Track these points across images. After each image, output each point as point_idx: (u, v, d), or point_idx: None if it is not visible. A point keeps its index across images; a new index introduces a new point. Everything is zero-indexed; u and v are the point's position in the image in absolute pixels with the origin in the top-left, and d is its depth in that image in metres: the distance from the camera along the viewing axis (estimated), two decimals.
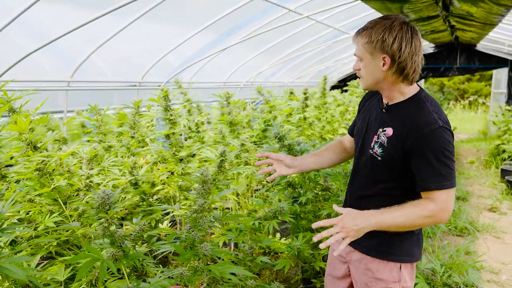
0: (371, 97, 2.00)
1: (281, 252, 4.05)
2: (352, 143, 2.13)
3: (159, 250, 1.91)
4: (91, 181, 2.36)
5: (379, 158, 1.77)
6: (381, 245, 1.84)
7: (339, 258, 2.05)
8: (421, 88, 1.80)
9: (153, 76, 6.37)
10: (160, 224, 3.17)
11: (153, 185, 3.54)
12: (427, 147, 1.63)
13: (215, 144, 4.01)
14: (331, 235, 1.57)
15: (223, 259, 2.58)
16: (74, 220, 2.27)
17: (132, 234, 1.96)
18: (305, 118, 4.61)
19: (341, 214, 1.62)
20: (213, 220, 1.79)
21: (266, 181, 4.12)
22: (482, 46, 11.51)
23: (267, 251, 4.27)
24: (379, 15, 7.22)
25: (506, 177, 7.12)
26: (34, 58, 4.53)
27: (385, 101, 1.83)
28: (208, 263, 1.80)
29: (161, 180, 3.64)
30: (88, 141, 4.08)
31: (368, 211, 1.65)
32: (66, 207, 2.28)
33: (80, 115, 4.02)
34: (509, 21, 7.61)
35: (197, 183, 1.85)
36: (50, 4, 4.12)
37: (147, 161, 4.08)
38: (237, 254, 2.76)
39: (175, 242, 1.72)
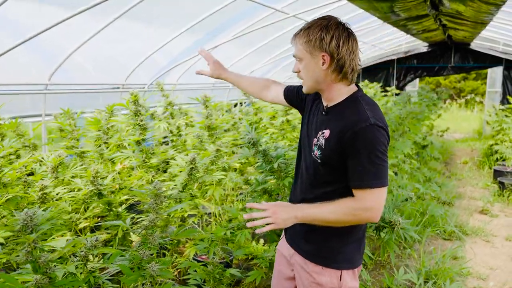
0: (317, 98, 1.96)
1: (257, 258, 3.94)
2: (276, 95, 2.22)
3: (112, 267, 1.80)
4: (45, 193, 2.25)
5: (319, 161, 1.77)
6: (320, 250, 1.85)
7: (285, 261, 2.06)
8: (358, 88, 1.80)
9: (138, 77, 6.25)
10: (132, 234, 3.05)
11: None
12: (357, 144, 1.62)
13: (193, 150, 3.90)
14: (261, 218, 1.63)
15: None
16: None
17: (83, 251, 1.84)
18: (288, 121, 4.49)
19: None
20: (166, 236, 1.67)
21: (245, 187, 4.00)
22: (476, 45, 11.40)
23: (249, 257, 4.16)
24: (368, 15, 7.12)
25: (499, 178, 7.01)
26: (12, 56, 4.40)
27: (324, 103, 1.83)
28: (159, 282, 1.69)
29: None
30: (67, 147, 3.96)
31: (298, 205, 1.73)
32: None
33: (56, 121, 3.89)
34: (503, 20, 7.50)
35: (149, 197, 1.74)
36: (26, 2, 4.00)
37: (124, 166, 3.97)
38: (207, 266, 2.65)
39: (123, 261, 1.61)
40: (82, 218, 2.58)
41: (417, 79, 14.87)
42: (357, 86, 1.82)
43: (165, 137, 5.00)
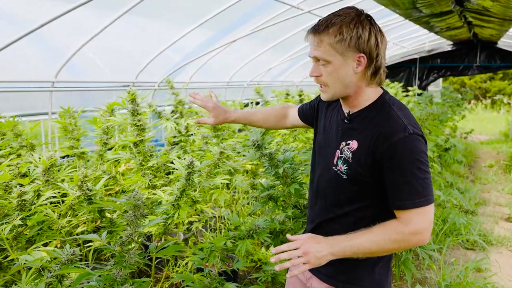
0: (331, 104, 1.70)
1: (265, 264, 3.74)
2: (294, 120, 1.98)
3: None
4: (23, 200, 2.08)
5: (344, 176, 1.50)
6: (343, 273, 1.59)
7: (299, 283, 1.79)
8: (384, 90, 1.53)
9: (150, 74, 6.10)
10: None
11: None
12: (396, 158, 1.37)
13: (199, 151, 3.71)
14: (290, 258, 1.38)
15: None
16: (10, 243, 1.99)
17: (58, 266, 1.66)
18: None
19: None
20: (144, 253, 1.48)
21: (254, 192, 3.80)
22: (504, 43, 10.93)
23: (259, 264, 3.96)
24: (389, 12, 6.83)
25: None
26: (14, 52, 4.29)
27: (345, 109, 1.55)
28: None
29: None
30: (67, 147, 3.82)
31: (331, 237, 1.44)
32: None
33: (56, 120, 3.75)
34: None
35: (128, 208, 1.55)
36: None
37: (128, 167, 3.81)
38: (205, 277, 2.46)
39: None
40: (73, 224, 2.41)
41: (440, 79, 14.44)
42: (381, 87, 1.56)
43: (174, 137, 4.83)
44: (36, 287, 1.48)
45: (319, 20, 1.48)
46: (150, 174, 2.89)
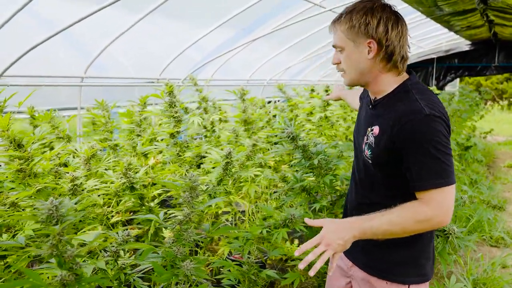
0: (367, 93, 1.74)
1: (292, 260, 3.78)
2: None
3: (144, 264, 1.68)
4: (75, 185, 2.16)
5: (370, 162, 1.56)
6: (382, 262, 1.61)
7: (340, 272, 1.83)
8: (410, 76, 1.56)
9: (172, 73, 6.19)
10: (164, 230, 2.95)
11: (164, 186, 3.32)
12: (413, 140, 1.40)
13: (229, 144, 3.77)
14: (318, 256, 1.38)
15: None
16: None
17: (113, 246, 1.73)
18: (326, 117, 4.30)
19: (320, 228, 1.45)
20: (201, 233, 1.54)
21: (282, 185, 3.85)
22: None
23: (283, 258, 4.00)
24: (411, 9, 6.83)
25: None
26: (49, 50, 4.41)
27: (372, 96, 1.62)
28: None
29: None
30: (100, 140, 3.91)
31: (349, 219, 1.48)
32: None
33: (89, 112, 3.84)
34: None
35: (184, 190, 1.61)
36: None
37: (158, 160, 3.88)
38: (242, 266, 2.51)
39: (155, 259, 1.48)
40: (114, 212, 2.48)
41: (457, 79, 14.36)
42: (409, 72, 1.58)
43: (197, 134, 4.90)
44: (94, 264, 1.54)
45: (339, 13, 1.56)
46: (187, 165, 2.95)
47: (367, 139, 1.57)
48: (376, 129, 1.53)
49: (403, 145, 1.42)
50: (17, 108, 2.76)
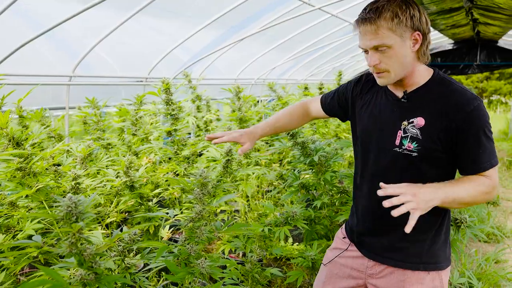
0: (370, 90, 1.73)
1: (293, 258, 3.77)
2: (316, 112, 1.99)
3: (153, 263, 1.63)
4: (78, 183, 2.10)
5: (415, 154, 1.53)
6: (416, 255, 1.63)
7: (350, 272, 1.77)
8: (435, 68, 1.60)
9: (161, 71, 6.12)
10: (162, 230, 2.90)
11: (157, 186, 3.27)
12: (474, 125, 1.46)
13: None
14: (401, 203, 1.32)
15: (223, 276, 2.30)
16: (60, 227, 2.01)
17: (120, 246, 1.68)
18: None
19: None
20: (214, 230, 1.51)
21: (278, 183, 3.83)
22: (505, 42, 11.04)
23: (278, 257, 3.99)
24: None
25: None
26: (36, 49, 4.31)
27: (398, 90, 1.61)
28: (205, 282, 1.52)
29: (166, 181, 3.36)
30: (91, 139, 3.83)
31: (429, 184, 1.44)
32: (53, 211, 2.03)
33: (81, 111, 3.76)
34: None
35: (195, 186, 1.57)
36: None
37: (150, 160, 3.82)
38: (244, 265, 2.48)
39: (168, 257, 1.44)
40: (114, 211, 2.43)
41: None
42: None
43: (188, 133, 4.85)
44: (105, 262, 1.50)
45: (365, 10, 1.51)
46: (184, 163, 2.91)
47: (405, 132, 1.55)
48: (420, 120, 1.52)
49: (464, 131, 1.46)
50: (15, 105, 2.67)
